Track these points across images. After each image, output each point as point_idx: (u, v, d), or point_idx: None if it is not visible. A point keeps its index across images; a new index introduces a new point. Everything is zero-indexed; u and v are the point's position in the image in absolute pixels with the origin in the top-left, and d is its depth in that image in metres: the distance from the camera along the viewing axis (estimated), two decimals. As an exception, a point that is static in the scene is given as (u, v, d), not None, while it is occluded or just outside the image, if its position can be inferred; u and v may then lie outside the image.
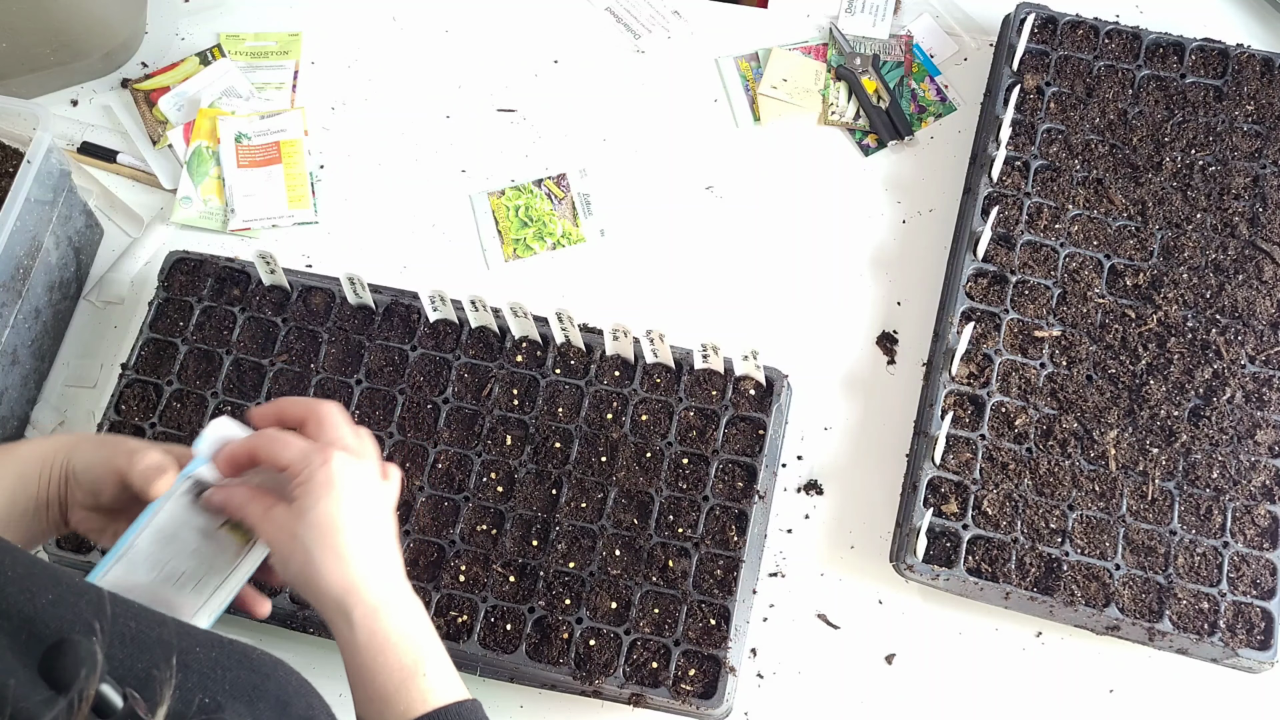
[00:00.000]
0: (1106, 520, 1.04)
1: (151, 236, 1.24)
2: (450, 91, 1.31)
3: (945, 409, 1.08)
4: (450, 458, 1.08)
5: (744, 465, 1.07)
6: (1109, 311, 1.11)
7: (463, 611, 1.03)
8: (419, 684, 0.72)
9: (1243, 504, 1.05)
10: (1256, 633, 1.01)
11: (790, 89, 1.29)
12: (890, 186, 1.24)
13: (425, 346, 1.12)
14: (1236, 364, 1.09)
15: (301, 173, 1.26)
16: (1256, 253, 1.14)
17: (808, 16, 1.33)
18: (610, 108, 1.29)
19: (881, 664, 1.06)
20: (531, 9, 1.35)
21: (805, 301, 1.20)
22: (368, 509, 0.75)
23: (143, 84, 1.30)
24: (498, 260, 1.23)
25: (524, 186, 1.26)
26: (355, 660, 0.73)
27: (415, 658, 0.73)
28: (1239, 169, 1.16)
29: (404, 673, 0.73)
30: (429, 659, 0.74)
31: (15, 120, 1.15)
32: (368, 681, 0.73)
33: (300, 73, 1.32)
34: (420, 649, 0.74)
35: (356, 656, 0.73)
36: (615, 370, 1.11)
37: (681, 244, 1.23)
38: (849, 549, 1.10)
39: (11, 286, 1.10)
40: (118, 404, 1.11)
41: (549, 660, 1.01)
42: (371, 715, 0.73)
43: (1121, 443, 1.07)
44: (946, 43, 1.31)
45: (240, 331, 1.13)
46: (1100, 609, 1.01)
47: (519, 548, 1.05)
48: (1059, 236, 1.14)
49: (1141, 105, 1.20)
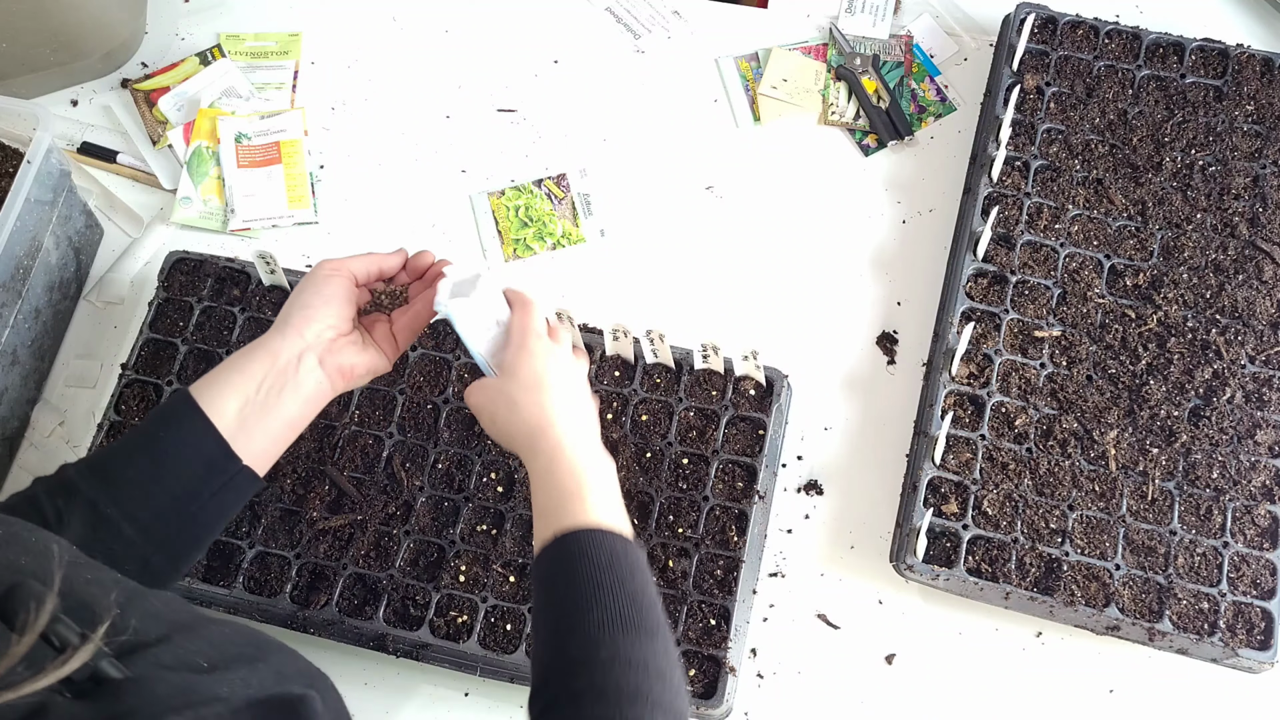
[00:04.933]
0: (1106, 520, 1.04)
1: (151, 236, 1.24)
2: (450, 91, 1.31)
3: (945, 409, 1.08)
4: (450, 458, 1.08)
5: (744, 465, 1.07)
6: (1109, 311, 1.11)
7: (463, 611, 1.03)
8: (576, 505, 0.82)
9: (1243, 504, 1.05)
10: (1256, 633, 1.01)
11: (790, 89, 1.29)
12: (890, 186, 1.24)
13: (425, 346, 1.12)
14: (1236, 364, 1.09)
15: (301, 173, 1.26)
16: (1256, 253, 1.14)
17: (808, 16, 1.33)
18: (610, 108, 1.30)
19: (881, 664, 1.06)
20: (531, 9, 1.35)
21: (805, 301, 1.20)
22: (563, 376, 0.89)
23: (143, 84, 1.30)
24: (498, 260, 1.23)
25: (524, 186, 1.26)
26: (534, 486, 0.85)
27: (580, 484, 0.83)
28: (1239, 169, 1.16)
29: (565, 494, 0.83)
30: (594, 490, 0.83)
31: (15, 120, 1.15)
32: (539, 503, 0.84)
33: (300, 73, 1.32)
34: (587, 480, 0.83)
35: (535, 481, 0.85)
36: (615, 370, 1.11)
37: (681, 244, 1.23)
38: (849, 549, 1.10)
39: (11, 286, 1.10)
40: (118, 404, 1.11)
41: (549, 660, 1.01)
42: (538, 531, 0.83)
43: (1121, 443, 1.07)
44: (946, 43, 1.31)
45: (240, 331, 1.13)
46: (1100, 609, 1.01)
47: (519, 548, 1.05)
48: (1059, 236, 1.14)
49: (1141, 105, 1.20)
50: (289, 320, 0.90)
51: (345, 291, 0.92)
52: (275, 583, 1.05)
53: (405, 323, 0.95)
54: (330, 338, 0.90)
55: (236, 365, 0.87)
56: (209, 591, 1.04)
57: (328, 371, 0.89)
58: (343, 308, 0.91)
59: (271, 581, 1.05)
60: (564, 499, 0.82)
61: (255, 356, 0.88)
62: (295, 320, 0.89)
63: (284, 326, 0.89)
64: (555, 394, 0.87)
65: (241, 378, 0.87)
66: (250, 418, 0.86)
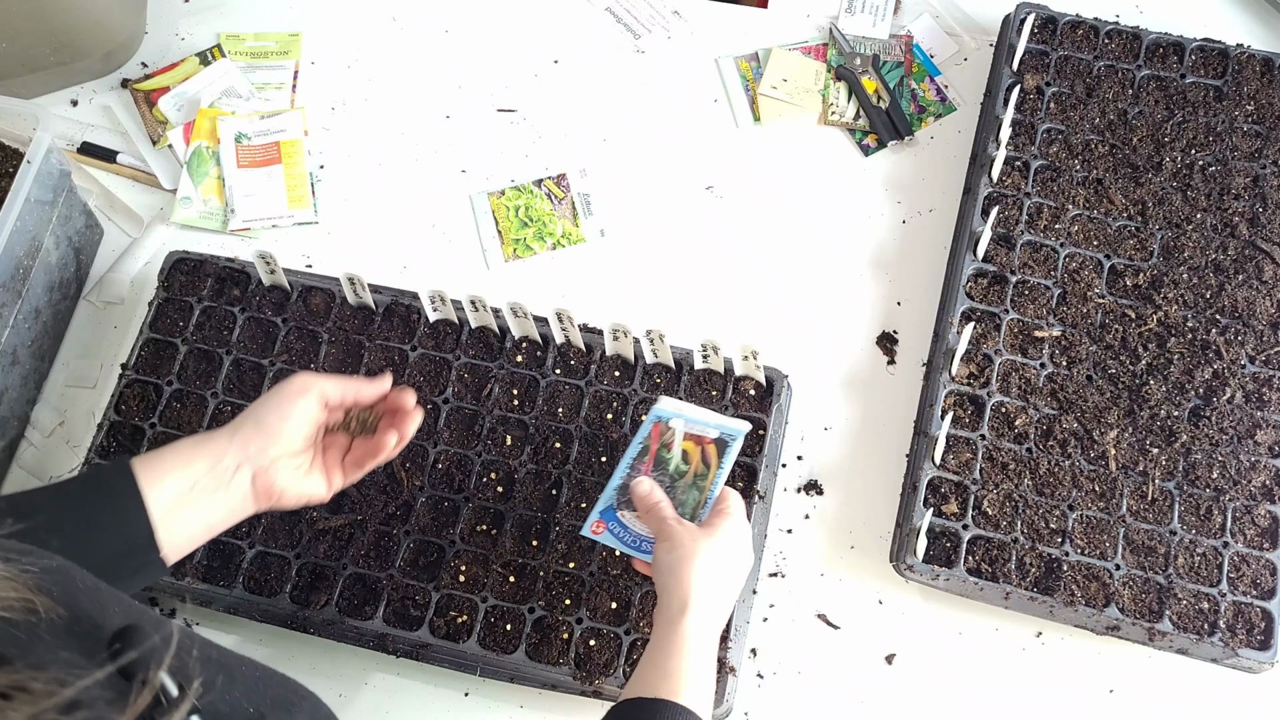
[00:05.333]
0: (1106, 520, 1.04)
1: (151, 236, 1.24)
2: (450, 91, 1.31)
3: (945, 409, 1.08)
4: (450, 458, 1.08)
5: (744, 465, 1.07)
6: (1109, 311, 1.11)
7: (463, 611, 1.03)
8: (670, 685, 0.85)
9: (1243, 504, 1.05)
10: (1256, 633, 1.01)
11: (790, 89, 1.28)
12: (890, 186, 1.24)
13: (425, 346, 1.12)
14: (1236, 364, 1.09)
15: (301, 173, 1.26)
16: (1256, 253, 1.14)
17: (808, 16, 1.33)
18: (610, 108, 1.29)
19: (881, 664, 1.06)
20: (531, 9, 1.35)
21: (805, 301, 1.20)
22: (738, 563, 0.94)
23: (143, 84, 1.30)
24: (498, 260, 1.23)
25: (524, 186, 1.26)
26: (661, 637, 0.89)
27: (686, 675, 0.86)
28: (1239, 169, 1.16)
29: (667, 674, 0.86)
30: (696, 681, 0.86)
31: (15, 120, 1.15)
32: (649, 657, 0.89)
33: (300, 73, 1.32)
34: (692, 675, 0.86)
35: (666, 636, 0.88)
36: (615, 370, 1.11)
37: (681, 244, 1.23)
38: (849, 549, 1.10)
39: (11, 286, 1.10)
40: (118, 404, 1.11)
41: (549, 660, 1.01)
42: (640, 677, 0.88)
43: (1121, 443, 1.07)
44: (946, 43, 1.31)
45: (240, 331, 1.13)
46: (1100, 609, 1.01)
47: (519, 548, 1.05)
48: (1059, 236, 1.14)
49: (1141, 105, 1.20)
50: (241, 428, 0.89)
51: (310, 413, 0.91)
52: (275, 583, 1.05)
53: (359, 455, 0.94)
54: (275, 456, 0.89)
55: (181, 454, 0.87)
56: (209, 591, 1.04)
57: (256, 490, 0.89)
58: (301, 428, 0.90)
59: (271, 581, 1.05)
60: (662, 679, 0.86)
61: (201, 451, 0.87)
62: (246, 431, 0.89)
63: (235, 432, 0.89)
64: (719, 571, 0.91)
65: (184, 469, 0.86)
66: (179, 510, 0.85)
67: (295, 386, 0.91)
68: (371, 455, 0.93)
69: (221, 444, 0.88)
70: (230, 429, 0.89)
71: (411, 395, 0.95)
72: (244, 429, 0.89)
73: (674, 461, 1.01)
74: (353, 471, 0.94)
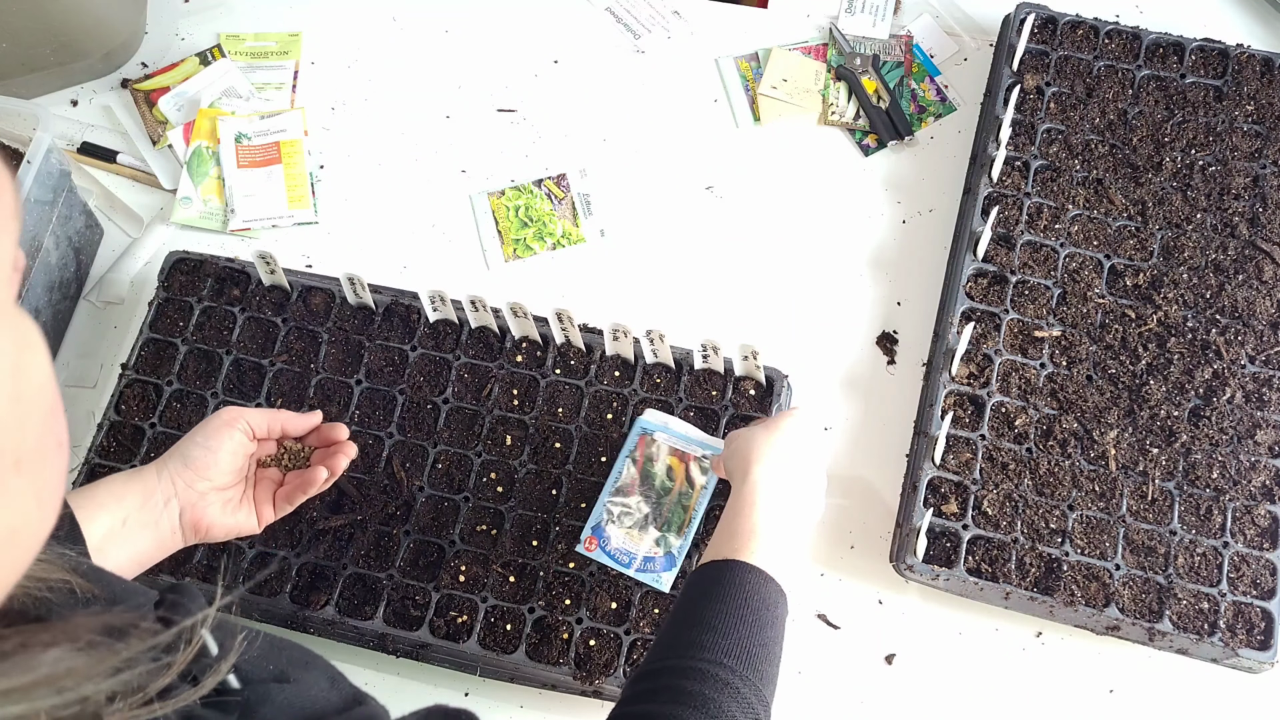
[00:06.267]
0: (1106, 520, 1.04)
1: (151, 237, 1.24)
2: (450, 91, 1.31)
3: (945, 409, 1.08)
4: (450, 458, 1.08)
5: (744, 465, 1.07)
6: (1109, 311, 1.11)
7: (463, 611, 1.03)
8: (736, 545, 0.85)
9: (1243, 504, 1.05)
10: (1256, 633, 1.01)
11: (790, 89, 1.28)
12: (890, 186, 1.24)
13: (425, 347, 1.12)
14: (1236, 364, 1.09)
15: (301, 173, 1.26)
16: (1256, 253, 1.14)
17: (808, 16, 1.33)
18: (610, 108, 1.29)
19: (881, 664, 1.06)
20: (531, 9, 1.35)
21: (805, 301, 1.20)
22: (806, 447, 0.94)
23: (143, 84, 1.30)
24: (498, 260, 1.23)
25: (524, 186, 1.26)
26: (729, 507, 0.89)
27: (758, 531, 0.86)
28: (1239, 169, 1.16)
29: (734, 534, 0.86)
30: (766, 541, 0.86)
31: (15, 120, 1.15)
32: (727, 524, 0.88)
33: (300, 73, 1.32)
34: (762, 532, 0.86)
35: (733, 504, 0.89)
36: (615, 370, 1.11)
37: (681, 244, 1.23)
38: (849, 549, 1.10)
39: (11, 286, 1.09)
40: (118, 404, 1.11)
41: (549, 660, 1.01)
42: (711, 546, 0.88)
43: (1121, 443, 1.07)
44: (946, 43, 1.31)
45: (240, 331, 1.13)
46: (1100, 609, 1.01)
47: (519, 548, 1.05)
48: (1059, 236, 1.14)
49: (1141, 105, 1.20)
50: (169, 463, 0.90)
51: (236, 445, 0.92)
52: (275, 583, 1.05)
53: (291, 489, 0.95)
54: (202, 490, 0.90)
55: (114, 489, 0.88)
56: (209, 591, 1.04)
57: (185, 524, 0.90)
58: (228, 461, 0.92)
59: (271, 581, 1.05)
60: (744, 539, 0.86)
61: (131, 486, 0.88)
62: (173, 465, 0.90)
63: (163, 467, 0.90)
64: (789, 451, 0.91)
65: (117, 504, 0.87)
66: (110, 544, 0.86)
67: (221, 420, 0.92)
68: (302, 489, 0.95)
69: (150, 479, 0.89)
70: (159, 464, 0.90)
71: (343, 430, 0.97)
72: (171, 464, 0.90)
73: (659, 478, 1.03)
74: (283, 506, 0.95)
